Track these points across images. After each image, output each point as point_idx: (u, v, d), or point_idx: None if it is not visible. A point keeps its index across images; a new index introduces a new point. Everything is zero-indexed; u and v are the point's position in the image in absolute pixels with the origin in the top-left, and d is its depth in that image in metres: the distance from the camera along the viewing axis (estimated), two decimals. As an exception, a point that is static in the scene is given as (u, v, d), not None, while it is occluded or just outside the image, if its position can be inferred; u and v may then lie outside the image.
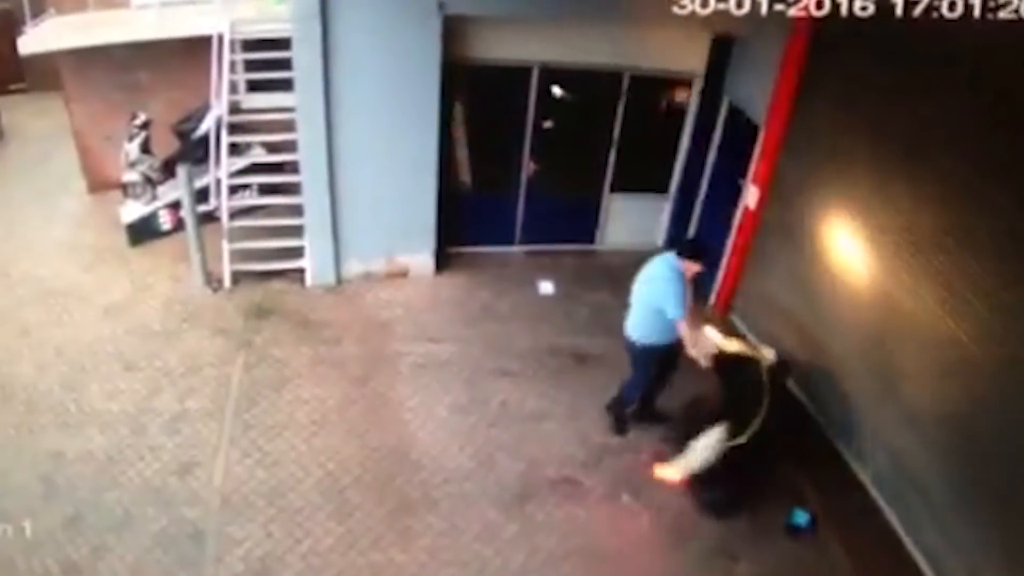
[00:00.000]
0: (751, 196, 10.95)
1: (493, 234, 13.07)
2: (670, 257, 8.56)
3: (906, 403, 8.43)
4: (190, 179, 11.15)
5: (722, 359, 8.71)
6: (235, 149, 12.59)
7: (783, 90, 10.14)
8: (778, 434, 8.60)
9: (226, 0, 12.54)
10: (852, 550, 8.38)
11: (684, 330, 8.38)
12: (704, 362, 8.60)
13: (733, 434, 8.36)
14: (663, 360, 9.05)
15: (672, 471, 8.82)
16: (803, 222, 10.06)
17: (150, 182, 12.99)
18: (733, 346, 8.83)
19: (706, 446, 8.45)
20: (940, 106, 7.77)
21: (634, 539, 8.49)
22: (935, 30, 6.41)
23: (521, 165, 12.54)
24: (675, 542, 8.46)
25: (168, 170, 12.95)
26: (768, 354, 8.94)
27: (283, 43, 11.00)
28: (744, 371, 8.70)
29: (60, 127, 15.24)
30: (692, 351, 8.52)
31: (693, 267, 8.50)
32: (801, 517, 8.63)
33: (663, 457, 9.03)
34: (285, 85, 11.18)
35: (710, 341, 8.69)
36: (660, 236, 13.45)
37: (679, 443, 8.87)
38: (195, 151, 12.69)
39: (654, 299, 8.48)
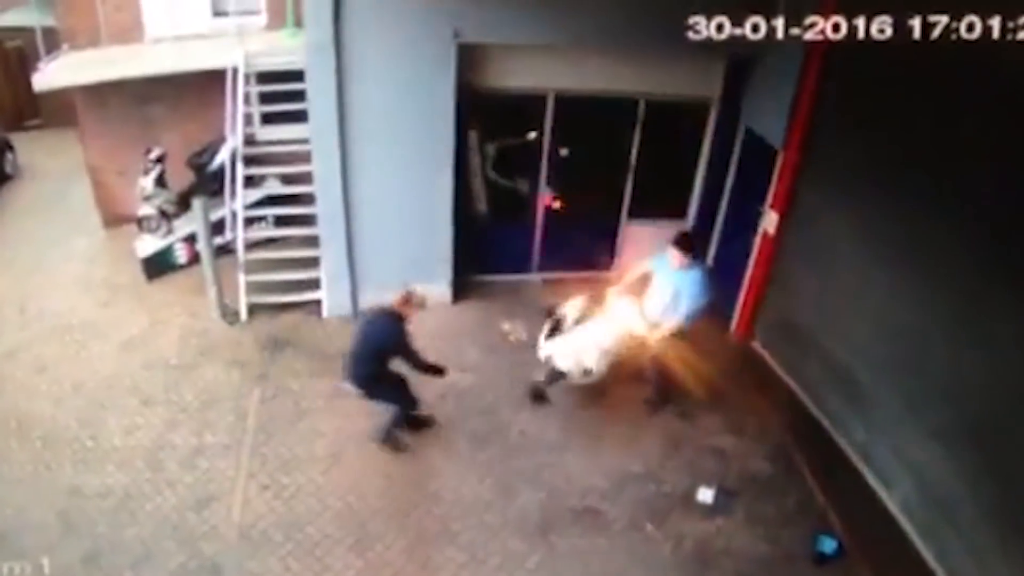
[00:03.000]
0: (770, 221, 10.86)
1: (510, 262, 12.99)
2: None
3: (933, 425, 8.31)
4: (205, 212, 11.15)
5: None
6: (250, 181, 12.60)
7: (801, 113, 10.08)
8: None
9: (240, 33, 12.58)
10: (881, 576, 8.25)
11: None
12: None
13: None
14: None
15: (552, 348, 9.61)
16: (824, 246, 9.98)
17: (165, 216, 13.03)
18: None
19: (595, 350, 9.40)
20: (964, 126, 7.70)
21: (657, 568, 8.35)
22: (955, 51, 6.34)
23: (537, 193, 12.48)
24: (698, 571, 8.34)
25: (183, 203, 12.99)
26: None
27: (297, 75, 11.04)
28: None
29: (75, 163, 15.33)
30: None
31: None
32: (828, 544, 8.49)
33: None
34: (299, 117, 11.19)
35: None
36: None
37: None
38: (210, 184, 12.71)
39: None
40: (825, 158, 9.95)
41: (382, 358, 8.80)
